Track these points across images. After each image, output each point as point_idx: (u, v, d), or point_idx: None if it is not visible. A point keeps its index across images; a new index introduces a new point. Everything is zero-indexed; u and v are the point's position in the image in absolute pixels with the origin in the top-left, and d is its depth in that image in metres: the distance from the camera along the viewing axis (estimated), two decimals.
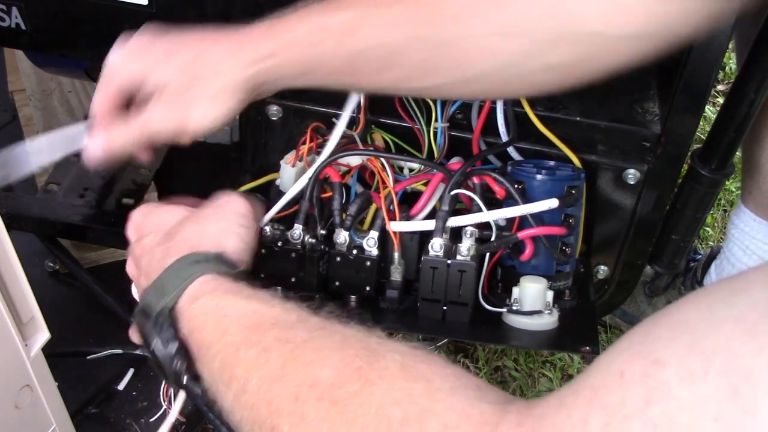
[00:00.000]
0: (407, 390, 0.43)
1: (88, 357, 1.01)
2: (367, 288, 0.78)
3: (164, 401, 0.96)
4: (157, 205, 0.73)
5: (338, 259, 0.77)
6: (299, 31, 0.64)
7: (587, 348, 0.76)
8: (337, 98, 0.78)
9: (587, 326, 0.80)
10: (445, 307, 0.77)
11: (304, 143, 0.83)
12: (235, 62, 0.66)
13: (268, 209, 0.79)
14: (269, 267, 0.76)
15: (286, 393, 0.46)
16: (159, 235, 0.68)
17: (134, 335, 0.65)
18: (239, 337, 0.52)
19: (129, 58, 0.69)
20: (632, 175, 0.83)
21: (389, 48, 0.63)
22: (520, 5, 0.59)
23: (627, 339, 0.38)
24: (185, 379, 0.57)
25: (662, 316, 0.37)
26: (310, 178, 0.78)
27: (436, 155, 0.84)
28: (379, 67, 0.64)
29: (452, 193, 0.76)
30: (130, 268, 0.71)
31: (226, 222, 0.68)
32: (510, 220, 0.79)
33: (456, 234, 0.77)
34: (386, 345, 0.48)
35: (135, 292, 0.72)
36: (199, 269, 0.60)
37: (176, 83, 0.67)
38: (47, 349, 0.70)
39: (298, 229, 0.77)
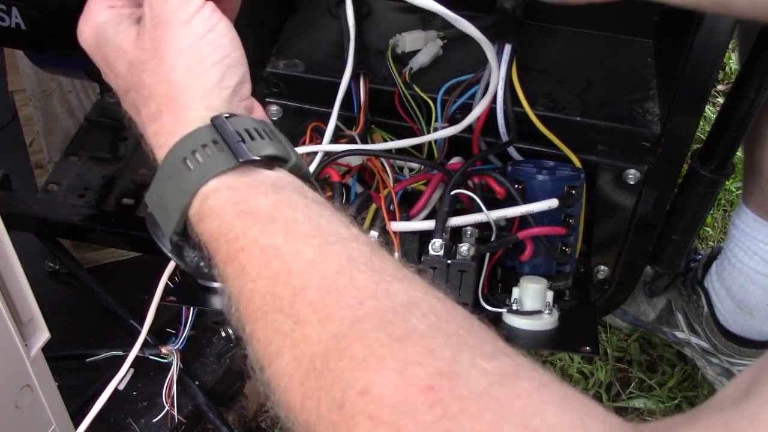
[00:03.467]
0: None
1: (87, 360, 1.01)
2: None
3: (166, 402, 0.96)
4: (104, 38, 0.53)
5: None
6: None
7: (587, 348, 0.76)
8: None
9: (587, 326, 0.80)
10: None
11: (303, 143, 0.83)
12: None
13: None
14: None
15: (328, 395, 0.37)
16: (119, 80, 0.53)
17: None
18: (260, 282, 0.42)
19: None
20: (632, 175, 0.83)
21: None
22: None
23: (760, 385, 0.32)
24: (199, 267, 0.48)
25: None
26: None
27: (436, 155, 0.84)
28: None
29: (452, 193, 0.76)
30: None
31: (189, 51, 0.50)
32: (510, 220, 0.79)
33: (456, 234, 0.77)
34: (466, 349, 0.37)
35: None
36: (195, 179, 0.47)
37: None
38: (47, 351, 0.70)
39: None
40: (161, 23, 0.50)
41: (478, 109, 0.80)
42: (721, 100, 1.68)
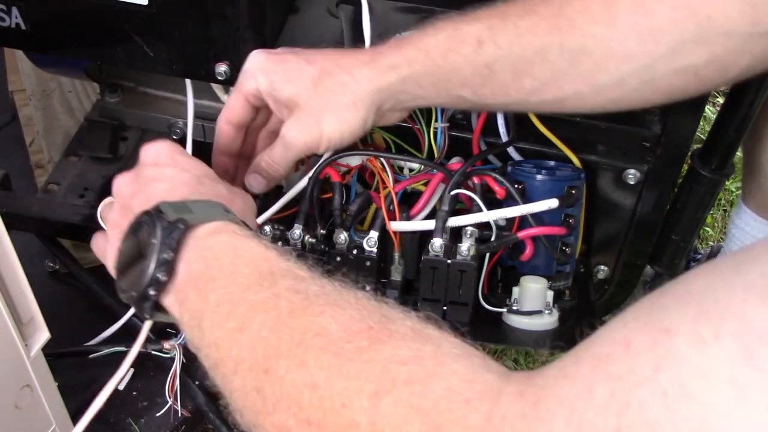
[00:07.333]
0: (415, 351, 0.42)
1: (90, 356, 1.00)
2: (367, 288, 0.78)
3: (169, 396, 0.96)
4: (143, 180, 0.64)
5: (338, 258, 0.77)
6: (432, 42, 0.66)
7: None
8: None
9: (587, 326, 0.80)
10: (445, 307, 0.77)
11: None
12: (368, 72, 0.66)
13: (266, 208, 0.79)
14: None
15: (289, 338, 0.45)
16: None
17: (97, 241, 0.67)
18: (250, 278, 0.51)
19: (255, 76, 0.69)
20: (632, 175, 0.83)
21: (521, 56, 0.63)
22: (656, 7, 0.59)
23: (632, 311, 0.37)
24: (151, 294, 0.53)
25: (669, 288, 0.36)
26: (310, 178, 0.78)
27: (436, 155, 0.84)
28: (511, 78, 0.65)
29: (452, 193, 0.76)
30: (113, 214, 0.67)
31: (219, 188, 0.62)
32: (510, 220, 0.79)
33: (456, 234, 0.77)
34: (398, 311, 0.47)
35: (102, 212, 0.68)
36: (225, 213, 0.57)
37: (306, 97, 0.67)
38: (47, 349, 0.70)
39: (298, 229, 0.77)
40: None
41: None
42: (721, 100, 1.67)
